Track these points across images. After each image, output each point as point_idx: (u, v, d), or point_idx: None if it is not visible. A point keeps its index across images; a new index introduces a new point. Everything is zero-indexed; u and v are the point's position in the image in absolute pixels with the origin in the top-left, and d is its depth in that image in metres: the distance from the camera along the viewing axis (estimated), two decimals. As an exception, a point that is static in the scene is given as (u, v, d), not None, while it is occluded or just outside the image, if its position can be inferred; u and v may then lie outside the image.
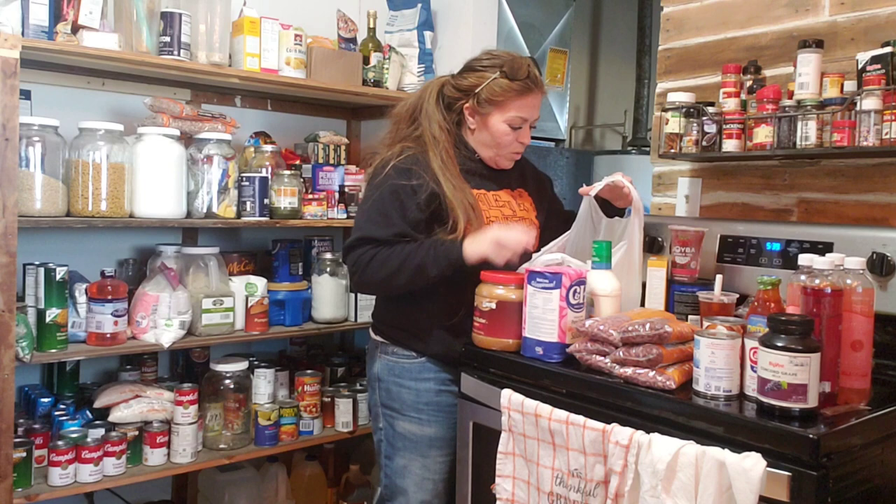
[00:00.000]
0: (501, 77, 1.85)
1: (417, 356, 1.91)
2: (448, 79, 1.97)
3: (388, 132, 2.00)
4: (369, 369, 2.01)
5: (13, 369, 1.95)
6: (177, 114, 2.35)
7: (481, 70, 1.89)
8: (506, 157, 1.96)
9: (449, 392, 1.91)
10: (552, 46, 4.14)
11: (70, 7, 2.09)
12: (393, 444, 1.93)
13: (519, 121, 1.89)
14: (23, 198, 2.00)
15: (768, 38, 2.10)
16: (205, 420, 2.43)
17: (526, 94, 1.87)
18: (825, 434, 1.25)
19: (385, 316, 1.99)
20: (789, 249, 1.81)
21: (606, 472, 1.40)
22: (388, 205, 1.82)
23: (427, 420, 1.90)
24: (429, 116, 1.91)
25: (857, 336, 1.48)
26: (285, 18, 2.55)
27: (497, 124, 1.88)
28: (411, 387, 1.91)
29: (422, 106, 1.93)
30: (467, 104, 1.90)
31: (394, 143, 1.94)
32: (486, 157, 1.95)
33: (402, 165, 1.84)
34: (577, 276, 1.65)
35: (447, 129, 1.91)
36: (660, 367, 1.48)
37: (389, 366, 1.93)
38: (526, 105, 1.88)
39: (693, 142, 1.99)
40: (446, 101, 1.93)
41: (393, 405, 1.93)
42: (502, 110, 1.87)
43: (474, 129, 1.93)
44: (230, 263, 2.57)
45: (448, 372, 1.91)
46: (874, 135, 1.67)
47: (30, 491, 2.07)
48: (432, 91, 1.95)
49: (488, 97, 1.86)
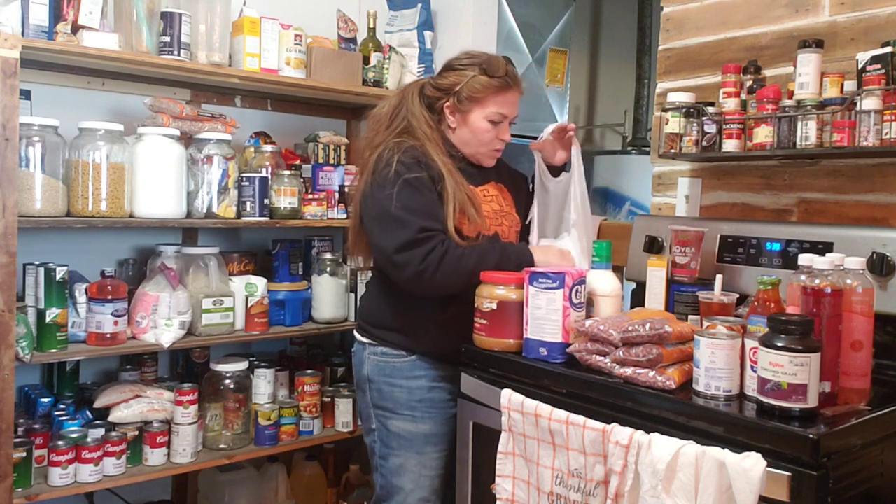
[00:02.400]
0: (481, 74, 1.90)
1: (408, 354, 1.91)
2: (426, 80, 2.01)
3: (371, 133, 1.99)
4: (357, 372, 2.00)
5: (13, 369, 1.95)
6: (177, 114, 2.35)
7: (460, 69, 1.93)
8: (487, 155, 2.00)
9: (441, 388, 1.92)
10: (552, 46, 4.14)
11: (70, 7, 2.09)
12: (387, 443, 1.93)
13: (498, 116, 1.93)
14: (23, 198, 2.01)
15: (768, 38, 2.10)
16: (205, 420, 2.43)
17: (505, 91, 1.92)
18: (825, 434, 1.25)
19: (372, 316, 1.98)
20: (789, 249, 1.81)
21: (606, 472, 1.40)
22: (419, 195, 1.80)
23: (421, 417, 1.91)
24: (416, 116, 1.93)
25: (857, 336, 1.48)
26: (285, 18, 2.55)
27: (477, 121, 1.93)
28: (403, 385, 1.91)
29: (406, 107, 1.95)
30: (448, 102, 1.93)
31: (380, 143, 1.92)
32: (467, 154, 1.98)
33: (406, 160, 1.83)
34: (578, 275, 1.66)
35: (433, 128, 1.94)
36: (660, 367, 1.48)
37: (379, 366, 1.93)
38: (506, 101, 1.93)
39: (693, 142, 1.99)
40: (427, 101, 1.96)
41: (385, 405, 1.93)
42: (482, 106, 1.92)
43: (455, 128, 1.96)
44: (230, 263, 2.57)
45: (439, 368, 1.91)
46: (874, 135, 1.67)
47: (30, 491, 2.07)
48: (413, 93, 1.98)
49: (468, 94, 1.91)
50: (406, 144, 1.87)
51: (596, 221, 2.41)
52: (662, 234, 2.06)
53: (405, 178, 1.80)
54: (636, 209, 4.06)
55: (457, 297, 1.83)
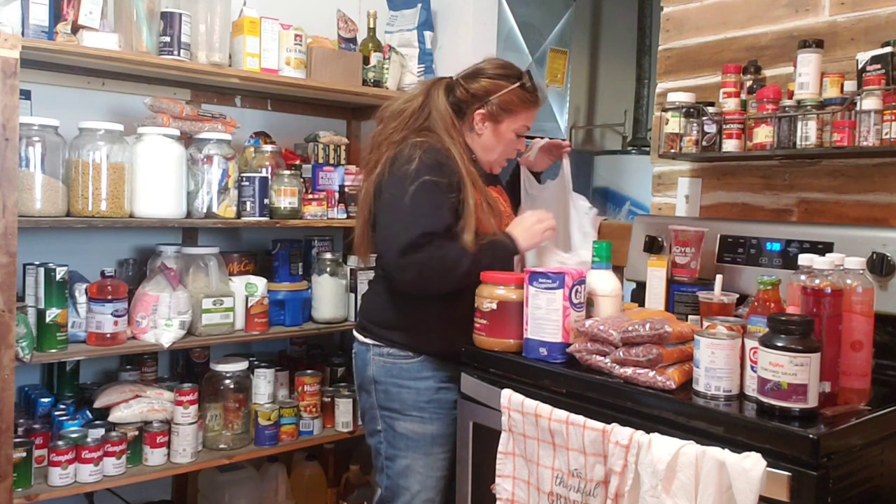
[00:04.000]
0: (520, 88, 1.93)
1: (415, 355, 1.91)
2: (454, 80, 1.98)
3: (388, 129, 1.93)
4: (361, 373, 1.97)
5: (13, 369, 1.95)
6: (177, 114, 2.35)
7: (496, 78, 1.94)
8: (501, 164, 2.04)
9: (448, 389, 1.91)
10: (552, 46, 4.13)
11: (70, 7, 2.09)
12: (394, 444, 1.93)
13: (525, 129, 1.99)
14: (23, 198, 2.01)
15: (768, 38, 2.10)
16: (205, 420, 2.43)
17: (536, 106, 1.99)
18: (825, 434, 1.25)
19: (377, 316, 1.96)
20: (789, 249, 1.81)
21: (606, 472, 1.40)
22: (433, 197, 1.78)
23: (429, 418, 1.90)
24: (441, 115, 1.90)
25: (857, 336, 1.48)
26: (285, 18, 2.55)
27: (507, 132, 1.96)
28: (411, 386, 1.90)
29: (431, 105, 1.92)
30: (481, 110, 1.93)
31: (401, 140, 1.88)
32: (482, 160, 1.98)
33: (429, 160, 1.80)
34: (578, 275, 1.66)
35: (458, 130, 1.92)
36: (660, 367, 1.48)
37: (386, 367, 1.92)
38: (532, 116, 2.00)
39: (693, 142, 1.99)
40: (454, 101, 1.94)
41: (392, 406, 1.92)
42: (514, 119, 1.95)
43: (482, 134, 1.96)
44: (230, 263, 2.57)
45: (446, 369, 1.91)
46: (874, 135, 1.67)
47: (30, 491, 2.07)
48: (439, 91, 1.94)
49: (504, 106, 1.93)
50: (429, 144, 1.84)
51: (596, 222, 2.41)
52: (662, 234, 2.06)
53: (424, 178, 1.77)
54: (636, 209, 4.07)
55: (463, 297, 1.82)
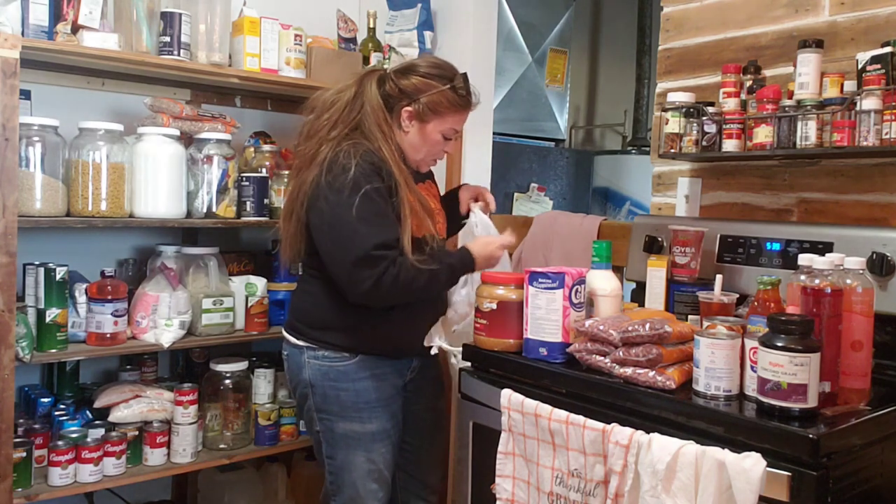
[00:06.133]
0: (449, 90, 1.87)
1: (351, 356, 1.87)
2: (386, 73, 1.93)
3: (321, 121, 1.88)
4: (296, 376, 1.93)
5: (13, 369, 1.95)
6: (177, 114, 2.35)
7: (427, 77, 1.88)
8: (428, 163, 2.00)
9: (387, 384, 1.90)
10: (552, 46, 4.14)
11: (70, 7, 2.09)
12: (334, 444, 1.91)
13: (453, 133, 1.94)
14: (23, 198, 2.00)
15: (768, 38, 2.10)
16: (205, 420, 2.43)
17: (466, 110, 1.93)
18: (825, 434, 1.25)
19: (310, 317, 1.93)
20: (789, 249, 1.81)
21: (606, 472, 1.40)
22: (378, 207, 1.76)
23: (368, 417, 1.88)
24: (374, 110, 1.86)
25: (857, 336, 1.48)
26: (285, 18, 2.54)
27: (433, 133, 1.91)
28: (349, 388, 1.87)
29: (364, 98, 1.87)
30: (409, 107, 1.88)
31: (333, 138, 1.84)
32: (409, 158, 1.93)
33: (365, 167, 1.77)
34: (577, 275, 1.66)
35: (388, 126, 1.88)
36: (660, 367, 1.48)
37: (323, 370, 1.88)
38: (462, 119, 1.95)
39: (693, 142, 1.99)
40: (384, 94, 1.89)
41: (330, 408, 1.89)
42: (441, 121, 1.90)
43: (408, 132, 1.91)
44: (230, 263, 2.57)
45: (383, 365, 1.89)
46: (874, 135, 1.67)
47: (30, 491, 2.07)
48: (372, 83, 1.89)
49: (431, 106, 1.87)
50: (363, 148, 1.81)
51: (596, 221, 2.42)
52: (662, 234, 2.06)
53: (365, 189, 1.74)
54: (636, 209, 4.07)
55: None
